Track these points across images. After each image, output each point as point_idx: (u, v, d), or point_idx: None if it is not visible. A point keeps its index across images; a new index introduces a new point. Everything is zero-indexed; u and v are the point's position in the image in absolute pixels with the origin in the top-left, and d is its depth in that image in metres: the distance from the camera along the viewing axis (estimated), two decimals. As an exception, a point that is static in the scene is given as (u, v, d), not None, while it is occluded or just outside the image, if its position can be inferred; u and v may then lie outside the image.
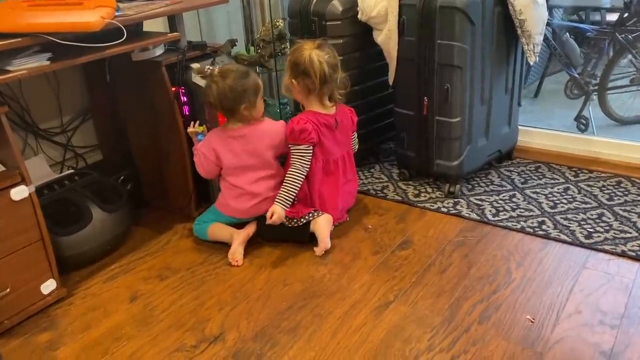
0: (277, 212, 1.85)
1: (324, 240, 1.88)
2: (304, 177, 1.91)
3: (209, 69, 1.87)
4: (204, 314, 1.65)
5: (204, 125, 1.96)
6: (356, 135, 2.11)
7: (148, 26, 2.02)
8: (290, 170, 1.90)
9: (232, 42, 2.52)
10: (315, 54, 1.85)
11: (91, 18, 1.58)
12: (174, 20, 2.04)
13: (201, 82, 1.98)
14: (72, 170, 2.15)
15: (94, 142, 2.37)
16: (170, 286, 1.79)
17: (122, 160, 2.28)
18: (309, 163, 1.91)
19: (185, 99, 2.02)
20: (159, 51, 1.99)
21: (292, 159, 1.91)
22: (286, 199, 1.87)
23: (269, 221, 1.85)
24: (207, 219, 2.02)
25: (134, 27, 1.91)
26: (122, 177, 2.18)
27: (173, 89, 1.99)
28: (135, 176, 2.23)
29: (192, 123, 1.98)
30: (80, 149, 2.33)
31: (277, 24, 2.61)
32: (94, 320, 1.66)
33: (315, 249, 1.89)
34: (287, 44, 2.64)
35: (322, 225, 1.90)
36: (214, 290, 1.75)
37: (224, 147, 1.90)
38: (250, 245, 1.95)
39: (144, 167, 2.23)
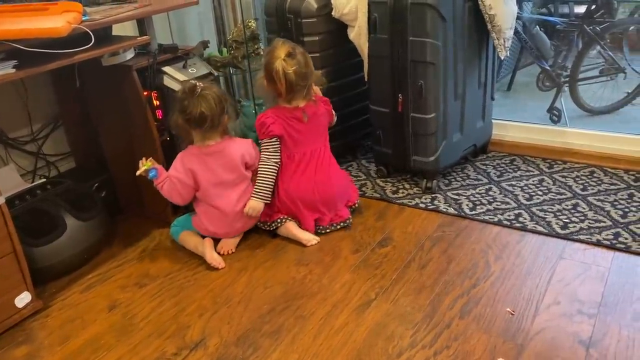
0: (253, 207, 1.91)
1: (304, 237, 1.93)
2: (273, 168, 1.93)
3: (197, 83, 1.83)
4: (185, 320, 1.63)
5: (150, 160, 1.87)
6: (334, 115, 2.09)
7: (118, 30, 1.99)
8: (259, 165, 1.94)
9: (205, 44, 2.49)
10: (282, 65, 1.84)
11: (57, 23, 1.55)
12: (143, 24, 2.01)
13: (174, 86, 1.96)
14: (44, 179, 2.11)
15: (66, 150, 2.33)
16: (149, 293, 1.77)
17: (95, 167, 2.24)
18: (276, 155, 1.93)
19: (158, 102, 2.00)
20: (129, 55, 1.96)
21: (261, 154, 1.96)
22: (260, 192, 1.92)
23: (249, 213, 1.92)
24: (181, 224, 1.99)
25: (103, 31, 1.87)
26: (96, 185, 2.14)
27: (145, 93, 1.96)
28: (110, 183, 2.20)
29: (140, 163, 1.87)
30: (52, 157, 2.28)
31: (250, 24, 2.59)
32: (72, 332, 1.62)
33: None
34: (260, 44, 2.63)
35: (292, 227, 1.95)
36: (194, 296, 1.73)
37: (201, 166, 1.86)
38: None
39: (119, 173, 2.19)
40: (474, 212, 2.04)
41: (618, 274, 1.65)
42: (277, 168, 1.94)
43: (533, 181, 2.22)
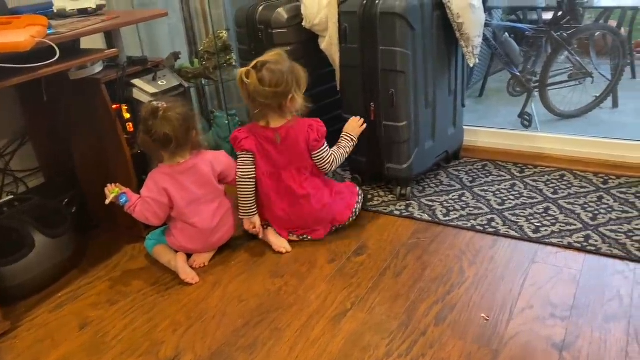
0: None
1: (276, 242, 1.97)
2: (247, 182, 1.92)
3: (159, 104, 1.77)
4: (158, 336, 1.60)
5: (117, 185, 1.84)
6: (325, 152, 1.95)
7: (87, 43, 1.96)
8: (237, 180, 1.94)
9: (175, 55, 2.47)
10: (242, 73, 1.82)
11: (21, 38, 1.52)
12: (111, 36, 1.99)
13: (144, 98, 1.94)
14: (12, 196, 2.06)
15: (34, 165, 2.28)
16: (122, 310, 1.73)
17: (65, 182, 2.19)
18: (248, 169, 1.91)
19: (128, 115, 1.97)
20: (97, 68, 1.93)
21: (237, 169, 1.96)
22: (241, 208, 1.94)
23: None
24: (156, 238, 1.97)
25: (71, 44, 1.85)
26: (66, 200, 2.10)
27: (115, 106, 1.93)
28: (80, 198, 2.16)
29: (106, 191, 1.83)
30: (20, 173, 2.23)
31: (221, 35, 2.59)
32: (42, 353, 1.58)
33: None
34: (233, 54, 2.62)
35: (269, 233, 1.99)
36: (168, 312, 1.70)
37: (175, 184, 1.83)
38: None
39: (89, 188, 2.16)
40: (447, 218, 2.05)
41: (589, 277, 1.68)
42: (252, 181, 1.92)
43: (505, 186, 2.25)
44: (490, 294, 1.64)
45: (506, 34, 3.20)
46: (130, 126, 1.96)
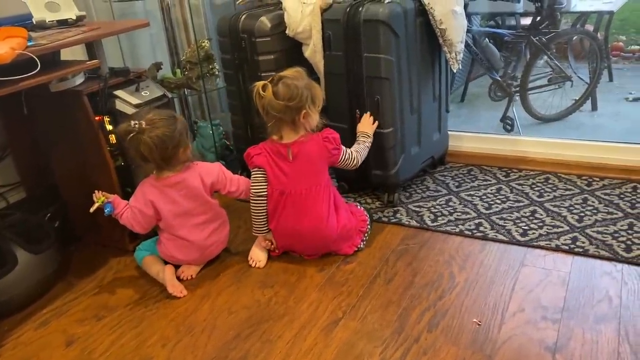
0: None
1: (252, 255, 1.96)
2: (259, 200, 1.89)
3: (135, 124, 1.71)
4: (147, 352, 1.57)
5: (102, 194, 1.80)
6: (347, 155, 1.93)
7: (67, 55, 1.93)
8: (250, 197, 1.92)
9: (158, 66, 2.45)
10: (258, 87, 1.79)
11: (0, 50, 1.49)
12: (92, 48, 1.96)
13: (127, 110, 1.91)
14: (-8, 212, 2.01)
15: (15, 180, 2.23)
16: (109, 326, 1.70)
17: (48, 196, 2.15)
18: (260, 187, 1.88)
19: (111, 127, 1.94)
20: (78, 80, 1.90)
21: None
22: (254, 226, 1.93)
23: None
24: (147, 248, 1.93)
25: (51, 56, 1.81)
26: (49, 214, 2.06)
27: (97, 118, 1.90)
28: (63, 212, 2.12)
29: (94, 197, 1.79)
30: (1, 188, 2.18)
31: (203, 44, 2.57)
32: (27, 372, 1.54)
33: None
34: (215, 64, 2.61)
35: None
36: (156, 326, 1.67)
37: (162, 198, 1.80)
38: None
39: (73, 201, 2.12)
40: (435, 224, 2.06)
41: (578, 278, 1.69)
42: (262, 198, 1.88)
43: (491, 190, 2.26)
44: (482, 299, 1.65)
45: (487, 39, 3.24)
46: (113, 138, 1.93)
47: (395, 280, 1.77)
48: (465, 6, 2.65)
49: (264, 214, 1.90)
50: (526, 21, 3.35)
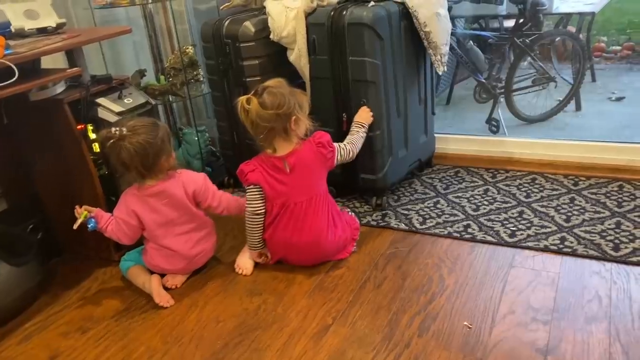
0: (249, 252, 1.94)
1: (239, 262, 1.94)
2: (254, 217, 1.84)
3: (116, 131, 1.67)
4: (134, 364, 1.54)
5: (85, 208, 1.75)
6: (342, 152, 1.92)
7: (48, 63, 1.90)
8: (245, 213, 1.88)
9: (141, 73, 2.43)
10: (242, 101, 1.75)
11: (-23, 59, 1.46)
12: (73, 55, 1.92)
13: (110, 118, 1.88)
14: (-27, 225, 1.97)
15: (-4, 191, 2.19)
16: (94, 338, 1.66)
17: (30, 207, 2.11)
18: (257, 204, 1.83)
19: (94, 135, 1.91)
20: (59, 89, 1.87)
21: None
22: (248, 241, 1.90)
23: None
24: (132, 258, 1.90)
25: (31, 65, 1.78)
26: (31, 226, 2.02)
27: (79, 126, 1.87)
28: (46, 223, 2.07)
29: (75, 212, 1.75)
30: (-19, 200, 2.14)
31: (187, 51, 2.55)
32: (10, 389, 1.50)
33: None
34: (200, 70, 2.58)
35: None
36: (143, 337, 1.64)
37: (144, 207, 1.77)
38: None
39: (55, 212, 2.07)
40: (424, 227, 2.05)
41: (567, 279, 1.69)
42: (258, 216, 1.84)
43: (478, 191, 2.26)
44: (472, 301, 1.64)
45: (470, 42, 3.25)
46: (96, 146, 1.90)
47: (385, 285, 1.75)
48: (449, 9, 2.66)
49: (260, 231, 1.86)
50: (509, 23, 3.37)
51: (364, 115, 2.04)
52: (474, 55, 3.19)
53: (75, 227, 1.73)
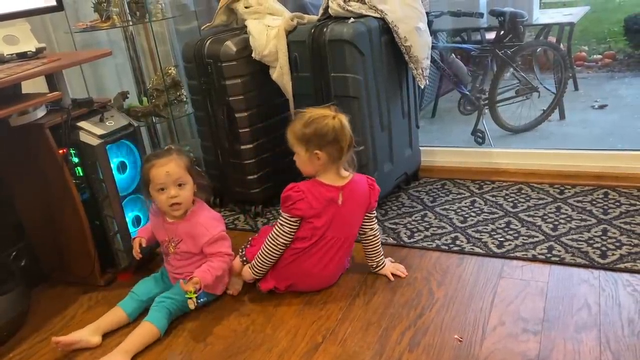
0: (244, 275, 1.81)
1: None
2: (280, 247, 1.71)
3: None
4: (120, 391, 1.50)
5: (190, 284, 1.61)
6: (375, 219, 1.82)
7: (29, 87, 1.88)
8: (267, 238, 1.73)
9: (124, 95, 2.43)
10: (342, 119, 1.65)
11: (-46, 86, 1.44)
12: (53, 79, 1.91)
13: (92, 141, 1.87)
14: (-46, 254, 1.93)
15: (-23, 219, 2.15)
16: (80, 366, 1.63)
17: (12, 234, 2.07)
18: (288, 237, 1.71)
19: (77, 159, 1.89)
20: (40, 113, 1.85)
21: (275, 224, 1.74)
22: (254, 267, 1.77)
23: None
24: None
25: (11, 90, 1.76)
26: (14, 253, 1.98)
27: (61, 151, 1.85)
28: (29, 250, 2.04)
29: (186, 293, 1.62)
30: (-38, 228, 2.10)
31: (169, 71, 2.55)
32: (-8, 422, 1.46)
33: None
34: (183, 90, 2.58)
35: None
36: (130, 362, 1.61)
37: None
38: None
39: (38, 238, 2.05)
40: (412, 240, 2.04)
41: (556, 288, 1.68)
42: (285, 247, 1.72)
43: (465, 203, 2.26)
44: (462, 314, 1.62)
45: (452, 55, 3.28)
46: (79, 170, 1.88)
47: (375, 301, 1.74)
48: (430, 23, 2.69)
49: (275, 262, 1.76)
50: (491, 35, 3.41)
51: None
52: (456, 67, 3.22)
53: (192, 307, 1.62)
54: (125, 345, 1.60)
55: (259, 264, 1.76)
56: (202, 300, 1.69)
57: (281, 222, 1.71)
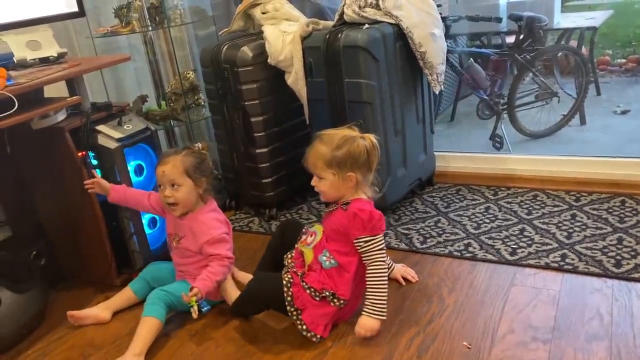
0: (370, 328, 1.57)
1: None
2: (387, 274, 1.60)
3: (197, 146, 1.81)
4: (133, 390, 1.54)
5: (191, 294, 1.62)
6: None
7: (51, 92, 1.94)
8: (376, 270, 1.57)
9: (143, 99, 2.47)
10: (372, 138, 1.62)
11: (-22, 91, 1.50)
12: (73, 84, 1.96)
13: (110, 144, 1.91)
14: (-23, 253, 1.99)
15: (0, 219, 2.22)
16: (95, 364, 1.67)
17: (33, 234, 2.13)
18: (385, 257, 1.61)
19: (96, 162, 1.94)
20: (60, 117, 1.90)
21: (373, 255, 1.57)
22: (381, 307, 1.56)
23: (357, 335, 1.59)
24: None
25: (33, 94, 1.82)
26: (34, 253, 2.03)
27: (80, 153, 1.90)
28: (48, 250, 2.09)
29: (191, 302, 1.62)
30: (-14, 228, 2.17)
31: (188, 75, 2.59)
32: (10, 416, 1.51)
33: None
34: (201, 94, 2.62)
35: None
36: (142, 363, 1.64)
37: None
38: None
39: (58, 239, 2.10)
40: (424, 246, 2.04)
41: (568, 296, 1.67)
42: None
43: (479, 209, 2.25)
44: (471, 321, 1.62)
45: (471, 59, 3.27)
46: (94, 174, 1.93)
47: (384, 306, 1.74)
48: (448, 28, 2.68)
49: None
50: (512, 39, 3.38)
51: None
52: (474, 72, 3.20)
53: (195, 316, 1.62)
54: (133, 349, 1.62)
55: (383, 301, 1.57)
56: (205, 309, 1.70)
57: (381, 245, 1.58)
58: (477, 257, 1.92)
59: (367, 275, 1.58)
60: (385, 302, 1.57)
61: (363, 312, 1.58)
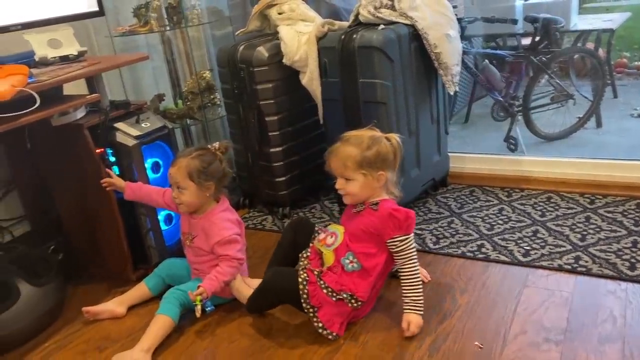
0: (416, 324, 1.59)
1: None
2: (418, 269, 1.64)
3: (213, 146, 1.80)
4: (147, 383, 1.56)
5: (196, 293, 1.65)
6: None
7: (70, 89, 1.97)
8: (411, 268, 1.60)
9: (160, 97, 2.51)
10: (396, 137, 1.64)
11: (0, 87, 1.53)
12: (93, 82, 2.00)
13: (128, 142, 1.94)
14: (-3, 246, 2.04)
15: (20, 213, 2.26)
16: (111, 357, 1.69)
17: (51, 229, 2.18)
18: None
19: (114, 159, 1.98)
20: (80, 114, 1.94)
21: (408, 253, 1.60)
22: (419, 304, 1.61)
23: (407, 333, 1.59)
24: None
25: (53, 91, 1.85)
26: (52, 247, 2.08)
27: (98, 150, 1.94)
28: (66, 244, 2.14)
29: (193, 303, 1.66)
30: (5, 222, 2.21)
31: (204, 75, 2.62)
32: (28, 406, 1.54)
33: None
34: (217, 94, 2.65)
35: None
36: (157, 356, 1.66)
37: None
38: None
39: (75, 234, 2.14)
40: (437, 246, 2.04)
41: (581, 298, 1.66)
42: None
43: (493, 211, 2.25)
44: (483, 322, 1.62)
45: (486, 60, 3.26)
46: (109, 172, 1.96)
47: (397, 305, 1.75)
48: (463, 29, 2.68)
49: None
50: (528, 41, 3.37)
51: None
52: (489, 73, 3.20)
53: (198, 315, 1.65)
54: (142, 344, 1.65)
55: (422, 296, 1.62)
56: (208, 309, 1.71)
57: (412, 243, 1.61)
58: (490, 258, 1.92)
59: (403, 274, 1.62)
60: (423, 297, 1.62)
61: (406, 310, 1.61)
